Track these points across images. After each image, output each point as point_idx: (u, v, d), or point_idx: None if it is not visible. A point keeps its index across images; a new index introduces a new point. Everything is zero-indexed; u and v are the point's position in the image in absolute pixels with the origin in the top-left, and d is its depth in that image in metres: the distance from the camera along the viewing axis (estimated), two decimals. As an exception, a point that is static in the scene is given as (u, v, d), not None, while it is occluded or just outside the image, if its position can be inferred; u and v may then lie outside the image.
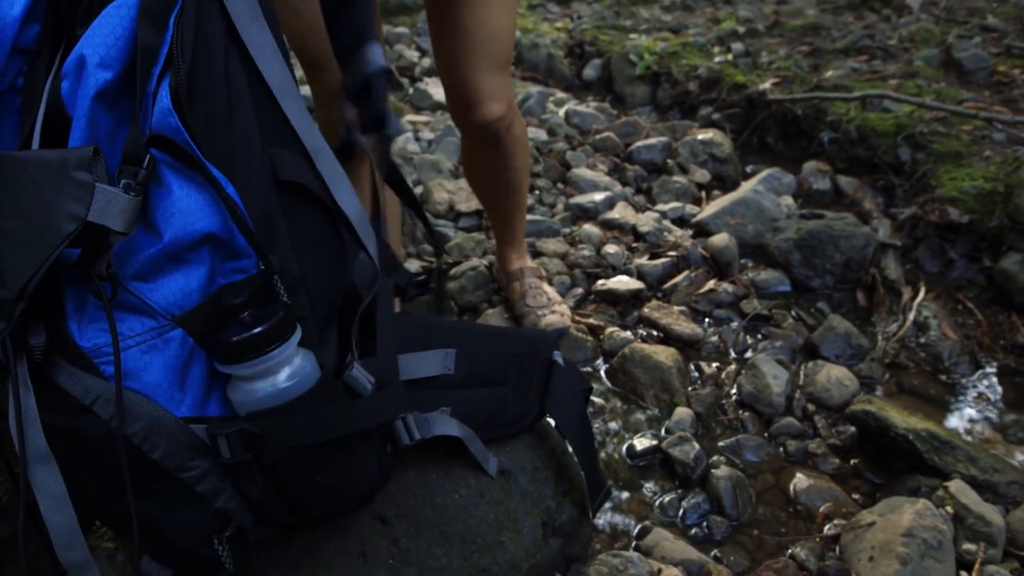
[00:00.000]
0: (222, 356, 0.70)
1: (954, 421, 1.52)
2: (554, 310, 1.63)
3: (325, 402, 0.75)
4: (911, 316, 1.77)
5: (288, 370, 0.71)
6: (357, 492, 0.83)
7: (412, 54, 3.58)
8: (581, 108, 2.80)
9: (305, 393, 0.72)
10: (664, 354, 1.57)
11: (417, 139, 2.55)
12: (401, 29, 3.93)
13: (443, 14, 1.25)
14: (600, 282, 1.83)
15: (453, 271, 1.82)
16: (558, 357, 1.09)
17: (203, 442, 0.71)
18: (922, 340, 1.72)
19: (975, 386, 1.62)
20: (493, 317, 1.68)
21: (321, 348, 0.78)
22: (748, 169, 2.51)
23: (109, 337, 0.66)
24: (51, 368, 0.67)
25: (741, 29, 3.39)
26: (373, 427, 0.83)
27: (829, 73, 2.83)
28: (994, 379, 1.64)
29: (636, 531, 1.24)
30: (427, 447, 0.93)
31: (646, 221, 2.04)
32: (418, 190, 2.13)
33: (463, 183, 2.14)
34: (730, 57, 3.09)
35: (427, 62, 3.44)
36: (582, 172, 2.30)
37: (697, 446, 1.37)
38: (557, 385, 1.06)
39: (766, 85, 2.76)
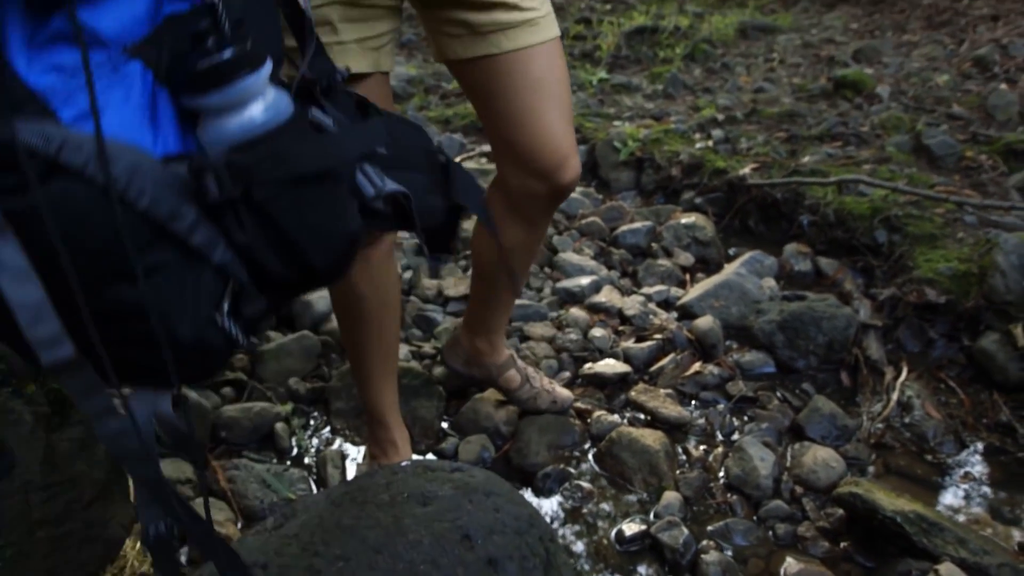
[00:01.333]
0: (189, 87, 0.63)
1: (942, 502, 1.53)
2: (559, 388, 1.70)
3: (301, 137, 0.69)
4: (895, 396, 1.79)
5: (262, 103, 0.66)
6: (349, 229, 0.74)
7: (403, 143, 3.69)
8: (567, 194, 2.88)
9: (282, 126, 0.67)
10: (651, 438, 1.58)
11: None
12: (392, 118, 4.06)
13: (514, 68, 1.21)
14: (587, 365, 1.85)
15: (440, 356, 1.84)
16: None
17: (187, 183, 0.62)
18: (907, 420, 1.74)
19: (962, 466, 1.63)
20: (484, 403, 1.69)
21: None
22: (731, 252, 2.57)
23: (59, 77, 0.56)
24: None
25: (720, 116, 3.52)
26: (357, 157, 0.76)
27: (806, 158, 2.93)
28: (980, 458, 1.65)
29: (626, 621, 1.23)
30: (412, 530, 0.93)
31: (632, 304, 2.08)
32: (407, 275, 2.17)
33: (452, 267, 2.18)
34: (711, 143, 3.20)
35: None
36: (568, 256, 2.35)
37: (686, 531, 1.37)
38: (457, 175, 0.94)
39: (746, 170, 2.85)
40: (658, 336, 1.96)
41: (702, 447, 1.65)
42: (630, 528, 1.41)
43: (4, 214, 0.53)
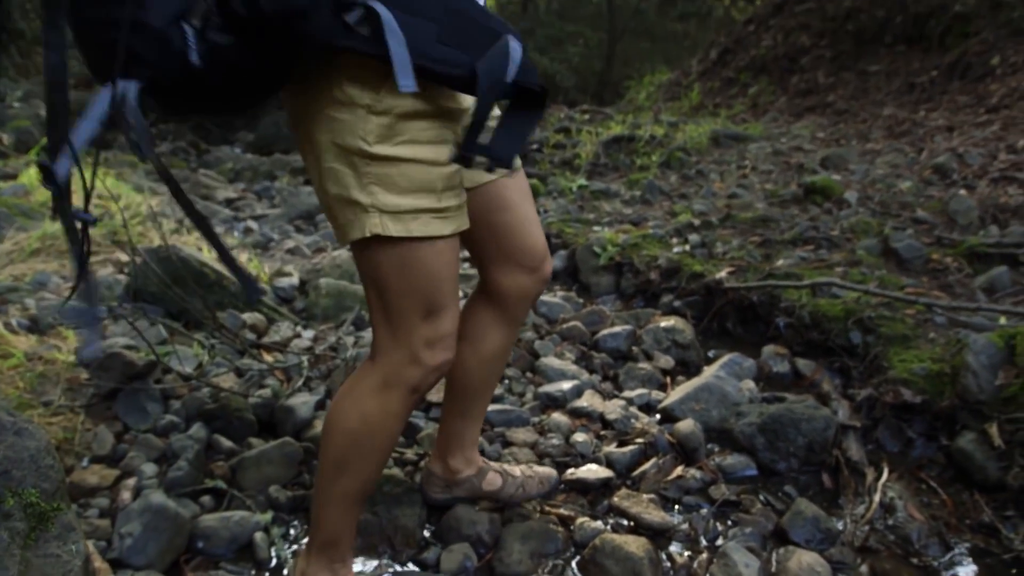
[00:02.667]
0: None
1: (930, 607, 1.51)
2: (538, 468, 1.77)
3: None
4: (877, 498, 1.79)
5: None
6: None
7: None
8: (548, 298, 2.94)
9: None
10: (635, 544, 1.56)
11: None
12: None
13: (519, 182, 1.43)
14: (569, 471, 1.85)
15: (423, 463, 1.83)
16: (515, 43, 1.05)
17: None
18: (890, 522, 1.73)
19: (948, 568, 1.61)
20: (466, 510, 1.68)
21: None
22: (710, 354, 2.61)
23: None
24: None
25: (696, 221, 3.64)
26: None
27: (780, 262, 3.03)
28: (965, 560, 1.64)
29: None
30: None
31: (613, 409, 2.10)
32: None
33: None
34: (688, 248, 3.30)
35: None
36: (550, 361, 2.38)
37: (672, 643, 1.34)
38: (497, 55, 1.02)
39: (722, 274, 2.93)
40: (640, 440, 1.96)
41: (686, 553, 1.63)
42: (615, 640, 1.37)
43: None
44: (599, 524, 1.68)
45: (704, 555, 1.61)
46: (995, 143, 4.23)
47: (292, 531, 1.71)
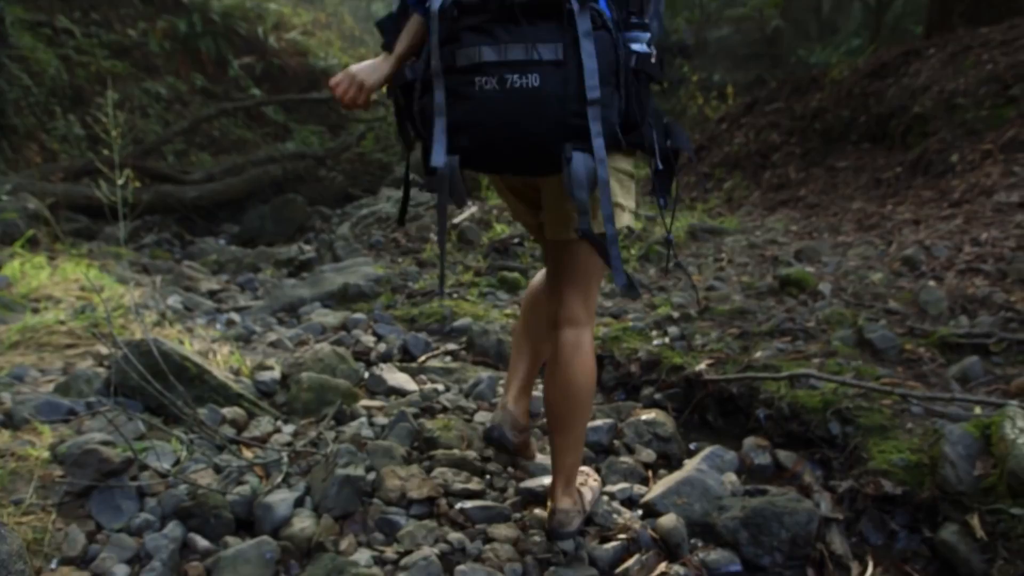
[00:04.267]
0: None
1: None
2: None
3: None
4: (862, 593, 1.78)
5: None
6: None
7: (369, 339, 3.78)
8: (530, 391, 2.95)
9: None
10: (619, 646, 1.53)
11: (371, 424, 2.62)
12: (359, 315, 4.19)
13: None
14: (552, 568, 1.82)
15: (403, 561, 1.80)
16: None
17: None
18: (877, 619, 1.71)
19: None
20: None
21: None
22: (692, 446, 2.61)
23: None
24: None
25: (676, 314, 3.69)
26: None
27: (758, 354, 3.07)
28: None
29: None
30: None
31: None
32: (370, 476, 2.16)
33: (415, 469, 2.18)
34: (667, 340, 3.34)
35: (383, 347, 3.62)
36: (532, 454, 2.37)
37: None
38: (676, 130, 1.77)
39: (702, 366, 2.97)
40: (623, 536, 1.94)
41: (673, 655, 1.60)
42: None
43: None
44: (583, 624, 1.64)
45: (690, 656, 1.58)
46: (959, 236, 4.38)
47: (267, 636, 1.66)
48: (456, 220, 6.33)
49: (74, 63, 10.10)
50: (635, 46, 1.60)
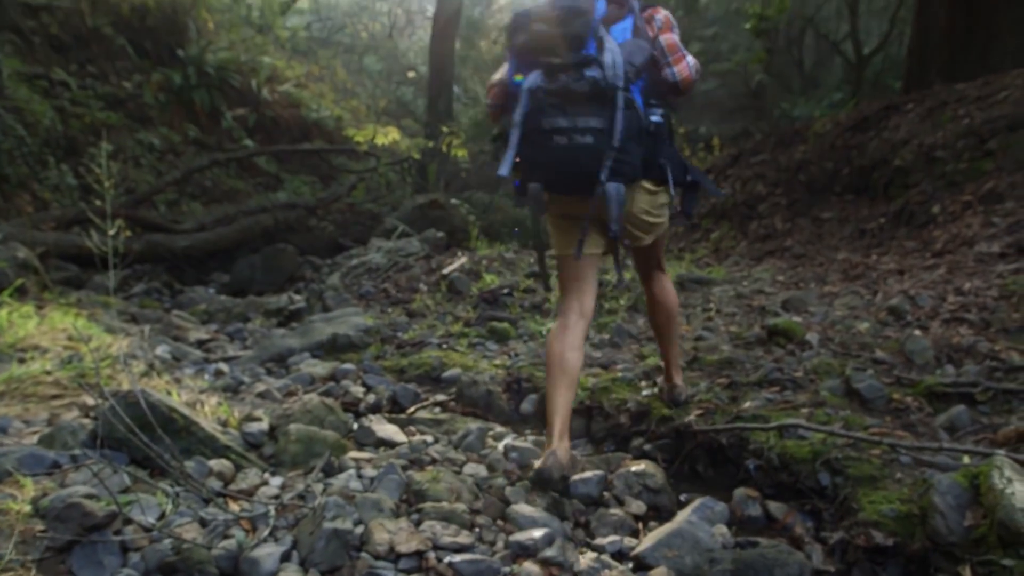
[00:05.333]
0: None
1: None
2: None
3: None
4: (855, 648, 1.75)
5: None
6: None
7: (358, 389, 3.77)
8: (519, 443, 2.94)
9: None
10: None
11: (359, 476, 2.60)
12: (348, 366, 4.18)
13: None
14: (542, 624, 1.79)
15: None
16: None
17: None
18: (871, 675, 1.69)
19: None
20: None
21: None
22: (682, 498, 2.60)
23: None
24: None
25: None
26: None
27: (747, 404, 3.07)
28: None
29: None
30: None
31: (585, 560, 2.06)
32: (358, 530, 2.14)
33: (403, 522, 2.16)
34: (656, 391, 3.34)
35: (372, 398, 3.61)
36: (521, 508, 2.35)
37: None
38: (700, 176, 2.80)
39: (691, 417, 2.97)
40: (614, 589, 1.92)
41: None
42: None
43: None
44: None
45: None
46: (943, 286, 4.44)
47: None
48: (445, 271, 6.36)
49: (69, 114, 10.20)
50: (653, 117, 2.58)
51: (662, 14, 2.70)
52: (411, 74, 20.25)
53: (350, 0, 22.37)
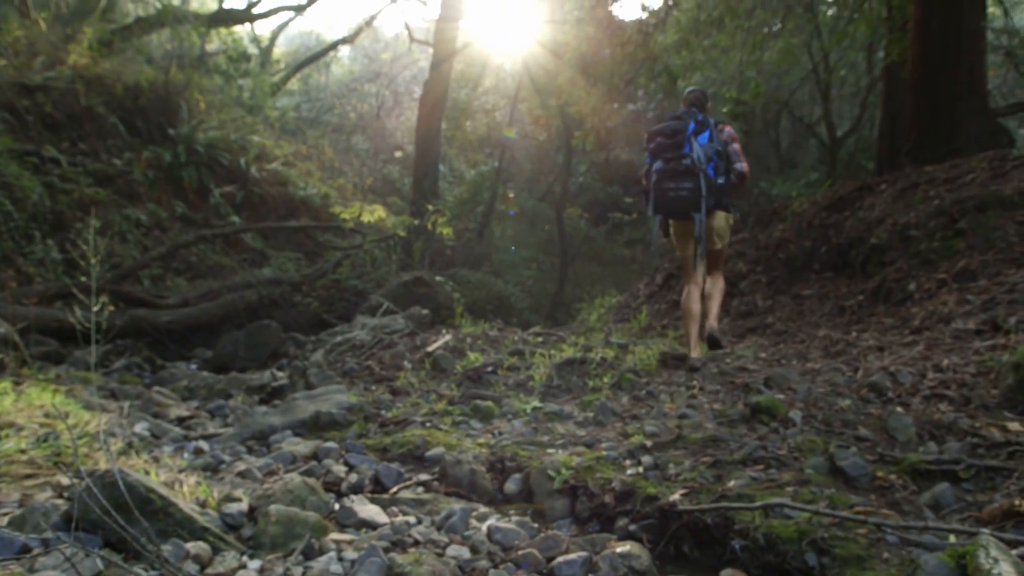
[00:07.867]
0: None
1: None
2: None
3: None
4: None
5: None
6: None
7: (340, 469, 3.72)
8: (503, 524, 2.90)
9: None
10: None
11: (340, 559, 2.54)
12: (330, 444, 4.12)
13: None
14: None
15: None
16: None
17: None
18: None
19: None
20: None
21: None
22: (668, 580, 2.56)
23: None
24: None
25: (649, 443, 3.69)
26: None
27: (732, 483, 3.06)
28: None
29: None
30: None
31: (571, 642, 2.02)
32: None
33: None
34: (641, 469, 3.33)
35: (354, 477, 3.56)
36: (505, 590, 2.30)
37: None
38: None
39: (676, 496, 2.95)
40: (599, 677, 1.87)
41: None
42: None
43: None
44: None
45: None
46: (922, 362, 4.49)
47: None
48: (430, 349, 6.36)
49: (57, 190, 10.30)
50: (719, 180, 5.56)
51: (728, 129, 5.67)
52: (398, 153, 20.67)
53: (339, 82, 23.00)
